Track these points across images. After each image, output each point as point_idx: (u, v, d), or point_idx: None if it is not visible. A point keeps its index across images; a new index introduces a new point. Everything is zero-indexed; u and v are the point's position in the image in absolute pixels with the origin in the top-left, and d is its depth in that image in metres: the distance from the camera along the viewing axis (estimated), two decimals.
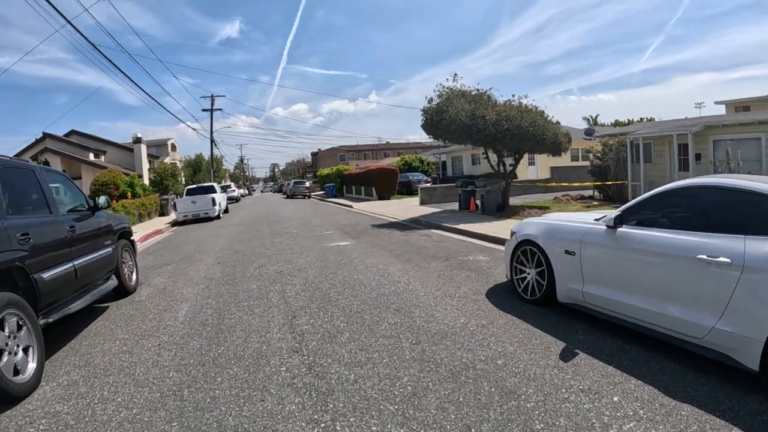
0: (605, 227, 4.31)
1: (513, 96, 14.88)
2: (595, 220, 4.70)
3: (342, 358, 3.93)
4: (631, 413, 2.96)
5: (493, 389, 3.35)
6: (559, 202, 16.83)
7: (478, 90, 14.83)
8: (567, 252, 4.66)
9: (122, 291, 6.44)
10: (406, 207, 19.42)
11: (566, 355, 3.83)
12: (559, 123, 14.81)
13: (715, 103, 31.88)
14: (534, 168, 31.15)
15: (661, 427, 2.82)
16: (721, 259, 3.28)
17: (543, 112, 14.27)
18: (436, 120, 14.00)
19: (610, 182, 16.67)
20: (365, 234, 11.80)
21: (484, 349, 3.97)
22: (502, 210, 14.13)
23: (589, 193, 18.80)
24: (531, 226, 5.38)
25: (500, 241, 9.16)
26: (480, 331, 4.42)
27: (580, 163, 30.21)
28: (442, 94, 14.58)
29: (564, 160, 28.06)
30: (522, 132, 13.07)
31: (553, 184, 21.59)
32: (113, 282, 6.05)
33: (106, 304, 6.14)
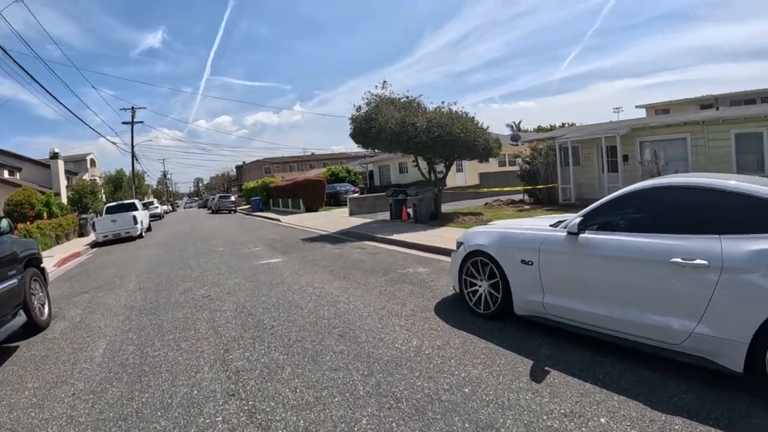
0: (566, 234, 4.35)
1: (443, 103, 15.83)
2: (551, 226, 4.77)
3: (286, 399, 3.65)
4: None
5: (467, 425, 3.12)
6: (491, 207, 17.71)
7: (407, 97, 15.52)
8: (524, 262, 4.67)
9: (33, 327, 6.10)
10: (336, 218, 19.98)
11: (537, 375, 3.76)
12: (490, 128, 15.52)
13: (636, 107, 36.39)
14: (462, 175, 32.59)
15: None
16: (698, 261, 3.37)
17: (473, 118, 15.20)
18: (365, 128, 14.45)
19: (541, 186, 17.75)
20: (296, 249, 11.93)
21: (446, 376, 3.83)
22: (435, 218, 14.69)
23: (520, 197, 20.00)
24: (480, 235, 5.39)
25: (439, 251, 9.36)
26: (437, 354, 4.31)
27: (508, 168, 32.43)
28: (371, 101, 15.08)
29: (492, 166, 29.57)
30: (453, 138, 13.78)
31: (485, 189, 22.65)
32: (21, 318, 5.74)
33: (14, 344, 5.76)
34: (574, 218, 4.35)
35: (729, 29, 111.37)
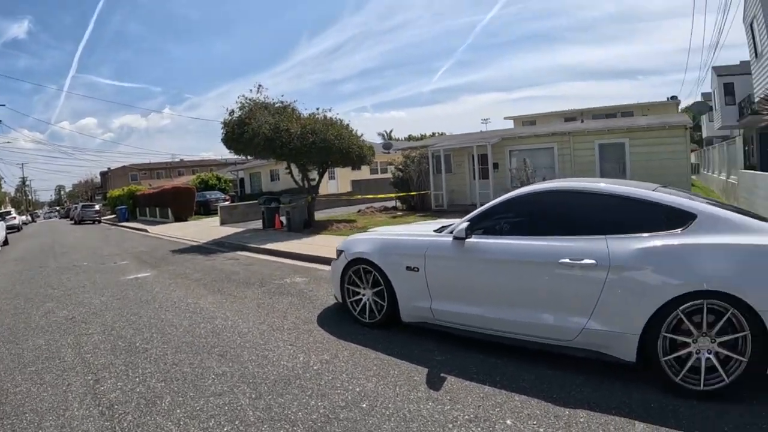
0: (452, 239, 4.43)
1: (318, 109, 16.09)
2: (435, 231, 4.91)
3: None
4: None
5: None
6: (364, 214, 18.21)
7: (282, 102, 15.62)
8: (409, 268, 4.70)
9: None
10: (207, 228, 19.75)
11: (434, 382, 3.72)
12: (363, 136, 16.06)
13: (505, 118, 41.21)
14: (335, 182, 33.15)
15: None
16: (586, 261, 3.62)
17: (348, 125, 15.79)
18: (237, 133, 14.26)
19: (414, 192, 18.45)
20: (166, 262, 11.71)
21: (340, 392, 3.67)
22: (309, 226, 14.92)
23: (392, 204, 20.75)
24: (362, 242, 5.38)
25: (315, 260, 9.44)
26: (327, 369, 4.14)
27: (380, 176, 33.92)
28: (245, 105, 14.94)
29: (364, 174, 30.42)
30: (328, 145, 14.17)
31: (359, 196, 23.06)
32: None
33: None
34: (460, 223, 4.45)
35: (591, 51, 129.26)
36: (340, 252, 5.54)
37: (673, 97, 38.56)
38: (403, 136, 72.98)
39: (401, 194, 19.24)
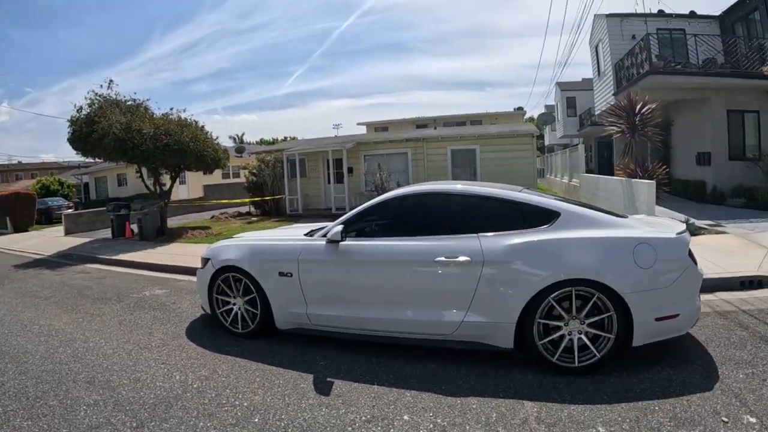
0: (325, 242, 4.46)
1: (172, 109, 15.15)
2: (306, 235, 4.90)
3: None
4: (431, 426, 3.05)
5: None
6: (218, 220, 17.61)
7: (134, 100, 14.55)
8: (282, 274, 4.61)
9: None
10: (51, 239, 17.78)
11: (323, 388, 3.68)
12: (219, 138, 15.58)
13: (358, 124, 42.46)
14: (186, 187, 31.43)
15: (468, 426, 3.01)
16: (461, 258, 3.87)
17: (203, 126, 15.19)
18: (86, 133, 12.98)
19: (268, 197, 18.21)
20: (9, 278, 10.30)
21: (227, 409, 3.44)
22: (162, 234, 14.10)
23: (246, 209, 20.24)
24: (230, 249, 5.12)
25: (174, 270, 9.07)
26: (208, 386, 3.86)
27: (232, 180, 32.95)
28: (94, 102, 13.62)
29: (216, 178, 29.48)
30: (182, 148, 13.55)
31: (213, 201, 22.10)
32: None
33: None
34: (333, 226, 4.50)
35: (443, 63, 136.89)
36: (206, 260, 5.23)
37: (519, 108, 42.85)
38: (254, 139, 71.47)
39: (256, 199, 18.80)
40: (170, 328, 5.51)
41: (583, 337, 3.65)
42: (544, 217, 3.97)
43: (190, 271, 8.23)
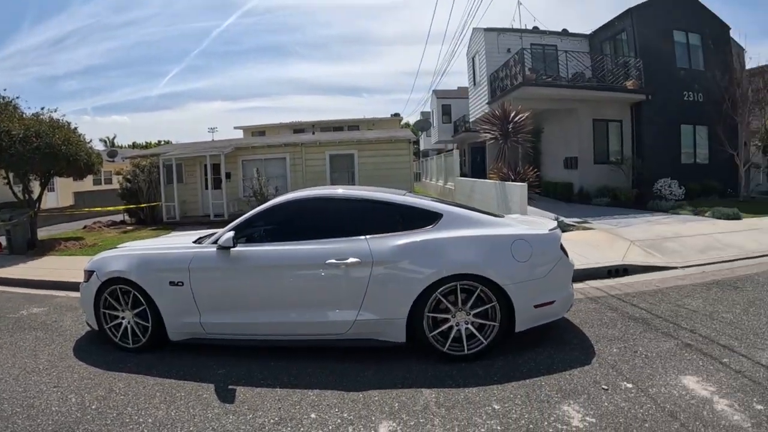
0: (216, 249, 4.50)
1: (42, 109, 13.99)
2: (194, 242, 4.95)
3: None
4: (338, 420, 3.25)
5: None
6: (92, 230, 16.50)
7: (3, 98, 13.34)
8: (173, 283, 4.56)
9: None
10: None
11: (226, 396, 3.73)
12: (91, 141, 14.69)
13: (235, 128, 41.54)
14: (54, 195, 28.66)
15: (373, 417, 3.27)
16: (351, 259, 4.15)
17: (76, 128, 14.22)
18: None
19: (144, 205, 17.32)
20: None
21: (132, 427, 3.37)
22: (33, 246, 12.89)
23: (120, 218, 19.16)
24: (116, 260, 4.96)
25: (51, 285, 8.52)
26: (107, 405, 3.72)
27: (104, 186, 30.80)
28: None
29: (86, 185, 27.42)
30: (54, 151, 12.63)
31: (86, 210, 20.47)
32: None
33: None
34: (223, 233, 4.55)
35: (321, 67, 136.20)
36: (90, 273, 4.99)
37: (396, 114, 44.62)
38: (126, 143, 66.70)
39: (131, 206, 17.77)
40: (56, 348, 5.20)
41: (470, 326, 4.08)
42: (428, 218, 4.38)
43: (68, 286, 7.90)
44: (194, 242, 4.92)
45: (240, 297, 4.48)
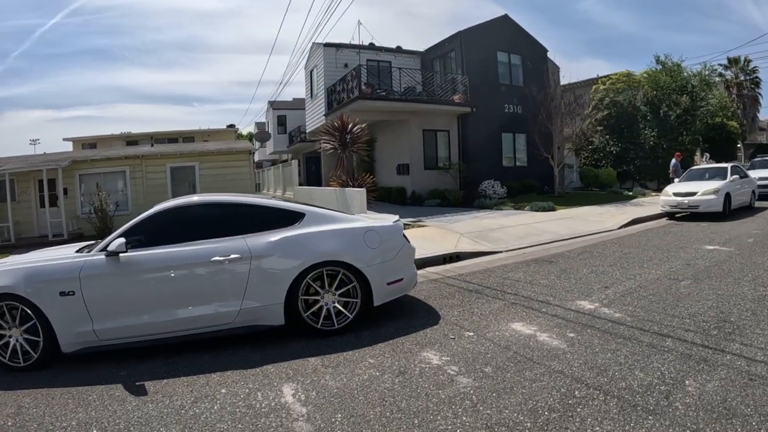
0: (105, 256, 4.84)
1: None
2: (79, 251, 5.23)
3: None
4: (246, 390, 4.02)
5: None
6: None
7: None
8: (63, 293, 4.75)
9: None
10: None
11: (138, 390, 4.14)
12: None
13: (64, 139, 38.59)
14: None
15: (275, 383, 4.12)
16: (233, 256, 4.96)
17: None
18: None
19: None
20: None
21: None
22: None
23: None
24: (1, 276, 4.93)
25: None
26: (24, 419, 3.85)
27: None
28: None
29: None
30: None
31: None
32: None
33: None
34: (112, 239, 4.92)
35: (150, 75, 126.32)
36: None
37: (232, 125, 44.10)
38: None
39: None
40: None
41: (337, 305, 5.19)
42: (294, 217, 5.39)
43: None
44: (77, 251, 5.15)
45: (132, 300, 4.85)
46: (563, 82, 23.76)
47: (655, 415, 3.13)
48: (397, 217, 6.16)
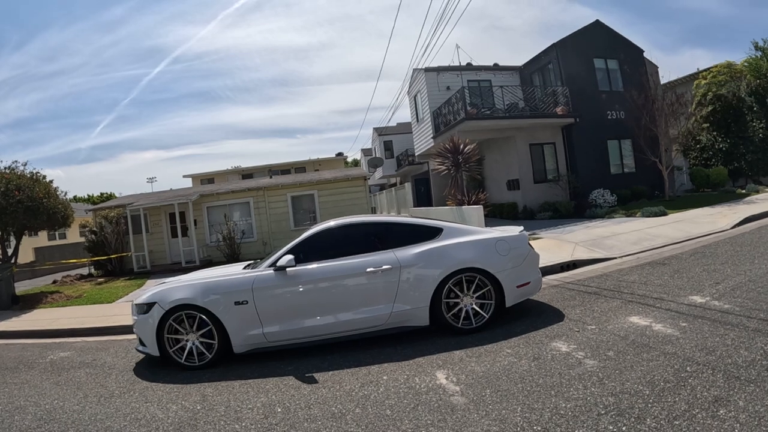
0: (274, 270, 5.82)
1: (16, 162, 14.35)
2: (245, 268, 6.34)
3: None
4: (405, 377, 4.77)
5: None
6: (64, 284, 16.68)
7: None
8: (238, 303, 5.68)
9: None
10: None
11: (309, 380, 4.97)
12: (66, 194, 15.43)
13: (184, 176, 42.76)
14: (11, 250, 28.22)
15: (429, 369, 4.85)
16: (385, 267, 5.79)
17: (51, 181, 14.67)
18: None
19: (114, 256, 17.96)
20: None
21: (244, 413, 4.37)
22: (17, 302, 12.77)
23: (87, 271, 19.39)
24: (179, 290, 5.90)
25: (62, 334, 9.06)
26: (213, 403, 4.70)
27: (58, 241, 30.74)
28: None
29: (42, 240, 26.97)
30: (36, 204, 12.99)
31: (50, 264, 20.43)
32: None
33: None
34: (281, 256, 5.88)
35: (252, 111, 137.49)
36: (150, 305, 5.84)
37: (340, 154, 46.28)
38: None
39: (100, 258, 17.97)
40: (117, 378, 5.81)
41: (474, 306, 5.86)
42: (433, 232, 6.17)
43: (81, 332, 8.68)
44: (245, 268, 6.29)
45: (298, 307, 5.73)
46: (663, 80, 22.85)
47: (756, 384, 3.58)
48: (522, 227, 6.74)
